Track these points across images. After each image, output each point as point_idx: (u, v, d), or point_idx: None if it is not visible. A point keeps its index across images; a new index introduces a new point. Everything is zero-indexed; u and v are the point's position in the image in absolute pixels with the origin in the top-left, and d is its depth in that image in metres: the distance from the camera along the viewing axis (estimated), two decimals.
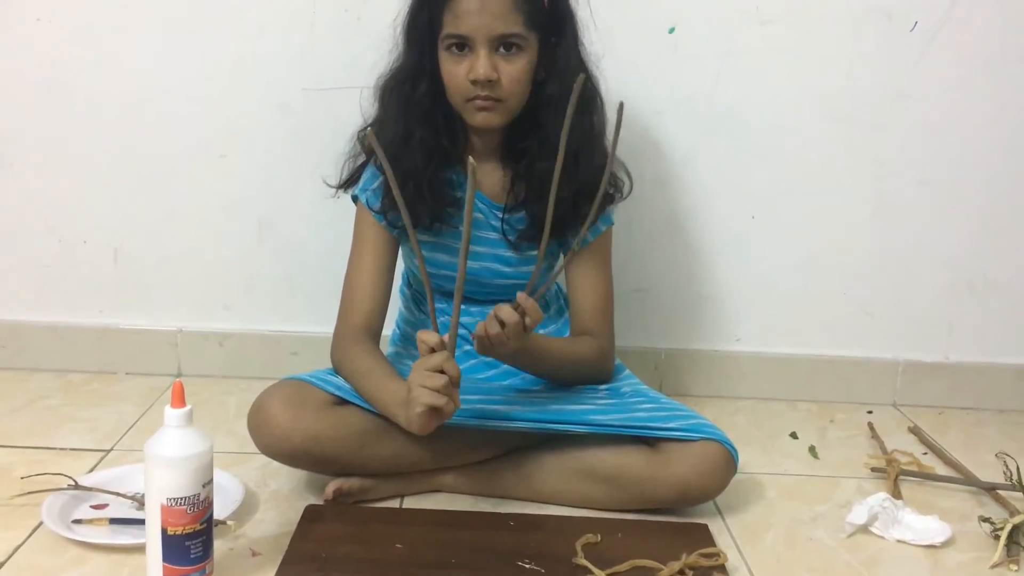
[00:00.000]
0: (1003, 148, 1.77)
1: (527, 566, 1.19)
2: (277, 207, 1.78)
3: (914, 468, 1.55)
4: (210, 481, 1.08)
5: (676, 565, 1.19)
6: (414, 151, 1.36)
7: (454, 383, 1.18)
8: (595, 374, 1.43)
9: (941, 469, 1.57)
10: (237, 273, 1.82)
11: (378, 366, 1.32)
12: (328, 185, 1.49)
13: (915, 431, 1.72)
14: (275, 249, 1.80)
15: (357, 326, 1.38)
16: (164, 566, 1.07)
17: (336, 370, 1.37)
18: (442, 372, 1.17)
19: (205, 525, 1.08)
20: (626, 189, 1.46)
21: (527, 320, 1.22)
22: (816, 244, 1.82)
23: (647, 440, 1.35)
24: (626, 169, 1.45)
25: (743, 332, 1.86)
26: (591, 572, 1.17)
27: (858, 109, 1.75)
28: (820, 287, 1.84)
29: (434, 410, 1.18)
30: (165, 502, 1.05)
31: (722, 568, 1.21)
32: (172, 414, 1.06)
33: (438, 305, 1.50)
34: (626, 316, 1.82)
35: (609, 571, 1.17)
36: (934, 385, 1.86)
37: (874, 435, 1.69)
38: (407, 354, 1.52)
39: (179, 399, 1.07)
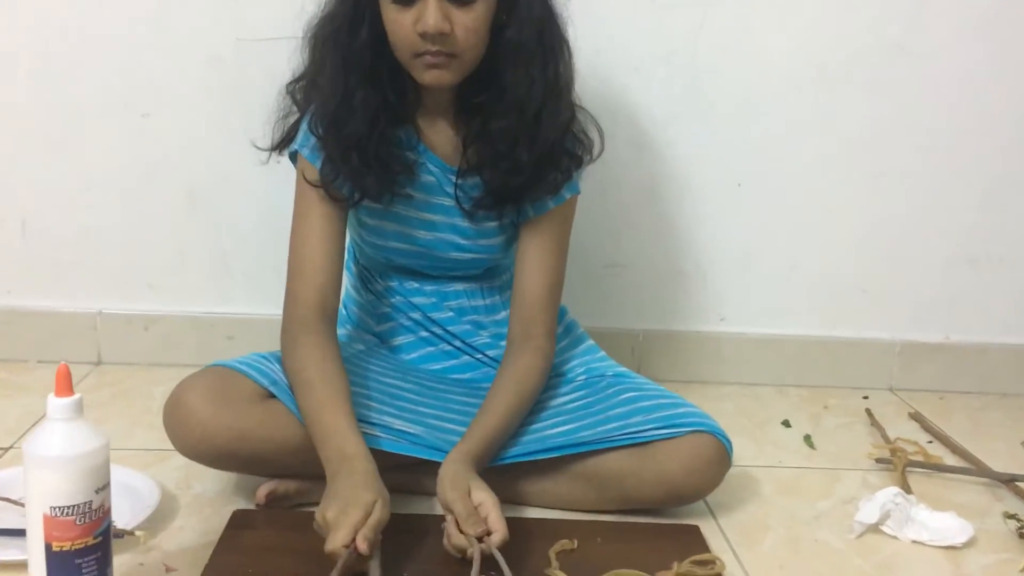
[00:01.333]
0: (1010, 109, 1.63)
1: None
2: (208, 174, 1.58)
3: (920, 458, 1.39)
4: (106, 486, 0.89)
5: (667, 575, 1.02)
6: (356, 114, 1.15)
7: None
8: (543, 386, 1.24)
9: (949, 459, 1.42)
10: (164, 248, 1.62)
11: (322, 378, 1.11)
12: (258, 148, 1.29)
13: (916, 417, 1.58)
14: (207, 221, 1.61)
15: (309, 305, 1.19)
16: None
17: (282, 359, 1.18)
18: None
19: (101, 539, 0.89)
20: (596, 150, 1.26)
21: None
22: (807, 215, 1.66)
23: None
24: (598, 127, 1.27)
25: (727, 311, 1.70)
26: None
27: (853, 66, 1.60)
28: (811, 262, 1.68)
29: None
30: (48, 512, 0.86)
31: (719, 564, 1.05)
32: (56, 404, 0.87)
33: (389, 283, 1.32)
34: (600, 294, 1.66)
35: None
36: (934, 367, 1.72)
37: (874, 422, 1.54)
38: (358, 337, 1.33)
39: (65, 386, 0.87)
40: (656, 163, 1.63)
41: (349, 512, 0.97)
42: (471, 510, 1.02)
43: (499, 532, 1.00)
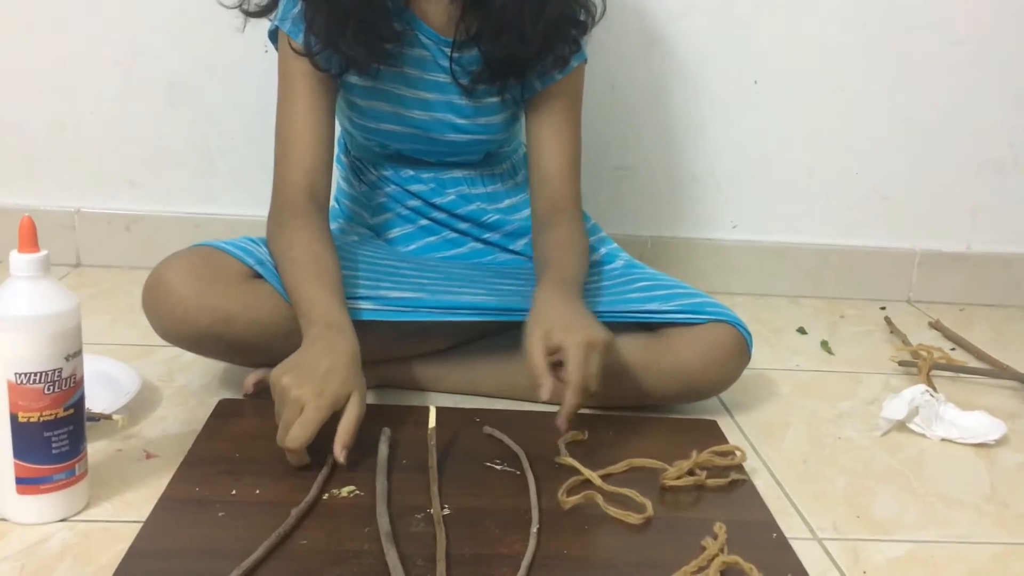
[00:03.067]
0: None
1: (498, 467, 0.94)
2: (192, 61, 1.48)
3: (945, 362, 1.33)
4: (77, 353, 0.81)
5: (685, 464, 0.95)
6: None
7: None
8: (588, 252, 1.15)
9: (975, 365, 1.35)
10: (145, 143, 1.52)
11: (310, 256, 1.03)
12: (224, 5, 1.16)
13: (937, 326, 1.51)
14: (190, 113, 1.51)
15: (297, 188, 1.10)
16: (16, 463, 0.80)
17: (268, 243, 1.10)
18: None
19: (72, 411, 0.81)
20: (598, 12, 1.16)
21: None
22: (826, 114, 1.58)
23: (644, 323, 1.10)
24: None
25: (740, 218, 1.62)
26: (579, 473, 0.92)
27: None
28: (829, 166, 1.60)
29: None
30: (13, 378, 0.78)
31: (740, 468, 0.98)
32: (20, 261, 0.79)
33: (383, 173, 1.23)
34: (608, 198, 1.58)
35: (602, 472, 0.93)
36: (954, 279, 1.65)
37: (893, 329, 1.47)
38: (351, 230, 1.25)
39: (29, 240, 0.79)
40: (668, 58, 1.54)
41: (319, 405, 0.88)
42: (536, 370, 0.92)
43: (565, 405, 0.91)
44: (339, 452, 0.89)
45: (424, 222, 1.23)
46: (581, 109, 1.19)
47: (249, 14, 1.15)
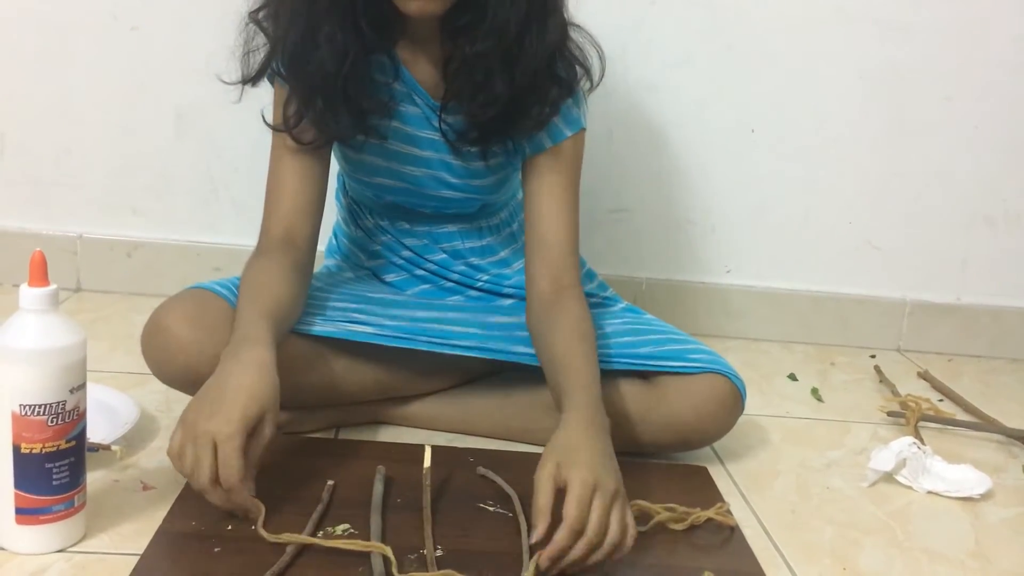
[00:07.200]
0: None
1: (491, 508, 0.95)
2: (198, 92, 1.50)
3: (932, 414, 1.34)
4: (81, 386, 0.82)
5: (686, 515, 0.96)
6: (320, 52, 1.02)
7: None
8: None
9: (962, 417, 1.37)
10: (149, 171, 1.54)
11: (252, 282, 1.02)
12: (224, 82, 1.16)
13: (926, 376, 1.53)
14: (195, 143, 1.53)
15: (275, 239, 1.10)
16: (16, 494, 0.81)
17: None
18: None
19: (74, 443, 0.82)
20: (596, 76, 1.12)
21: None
22: (822, 165, 1.60)
23: (638, 371, 1.12)
24: (598, 48, 1.12)
25: (734, 263, 1.64)
26: None
27: (876, 7, 1.54)
28: (823, 215, 1.63)
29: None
30: (17, 410, 0.79)
31: (727, 512, 0.99)
32: (30, 295, 0.80)
33: (379, 222, 1.22)
34: (604, 240, 1.60)
35: None
36: (943, 329, 1.67)
37: (883, 379, 1.49)
38: (347, 266, 1.26)
39: (40, 274, 0.80)
40: (667, 106, 1.57)
41: (230, 434, 0.84)
42: (536, 506, 0.83)
43: (553, 543, 0.80)
44: (232, 478, 0.84)
45: (420, 272, 1.22)
46: (578, 177, 1.14)
47: (248, 81, 1.15)
